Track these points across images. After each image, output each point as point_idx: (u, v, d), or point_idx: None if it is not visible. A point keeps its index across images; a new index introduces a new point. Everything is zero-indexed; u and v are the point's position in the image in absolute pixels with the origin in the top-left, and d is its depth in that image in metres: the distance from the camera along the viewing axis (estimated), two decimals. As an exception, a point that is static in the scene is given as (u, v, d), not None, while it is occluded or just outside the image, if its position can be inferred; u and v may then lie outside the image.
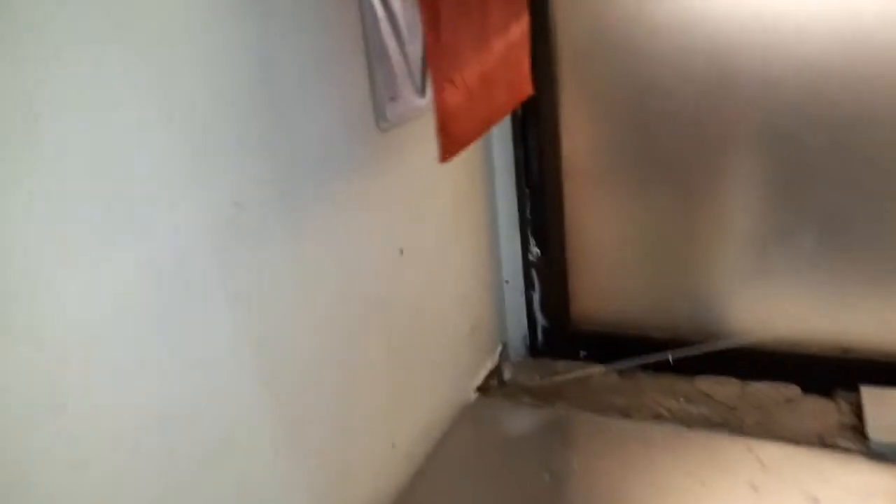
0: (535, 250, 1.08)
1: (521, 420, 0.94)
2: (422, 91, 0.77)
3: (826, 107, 0.86)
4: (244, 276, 0.58)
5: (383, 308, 0.78)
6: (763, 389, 0.94)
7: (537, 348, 1.13)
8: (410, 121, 0.77)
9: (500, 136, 1.03)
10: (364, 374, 0.75)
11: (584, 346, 1.10)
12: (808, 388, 0.93)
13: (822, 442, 0.82)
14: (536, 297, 1.10)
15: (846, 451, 0.81)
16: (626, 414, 0.93)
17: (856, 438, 0.82)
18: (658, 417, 0.91)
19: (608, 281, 1.09)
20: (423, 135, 0.75)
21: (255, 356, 0.59)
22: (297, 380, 0.65)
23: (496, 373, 1.07)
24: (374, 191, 0.75)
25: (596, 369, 1.05)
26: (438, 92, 0.63)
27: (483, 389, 1.03)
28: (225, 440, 0.56)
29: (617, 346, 1.08)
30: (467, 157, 0.95)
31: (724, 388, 0.95)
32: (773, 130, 0.90)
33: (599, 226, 1.06)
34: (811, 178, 0.90)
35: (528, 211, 1.06)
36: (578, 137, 1.03)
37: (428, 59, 0.68)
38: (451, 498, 0.82)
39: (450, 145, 0.64)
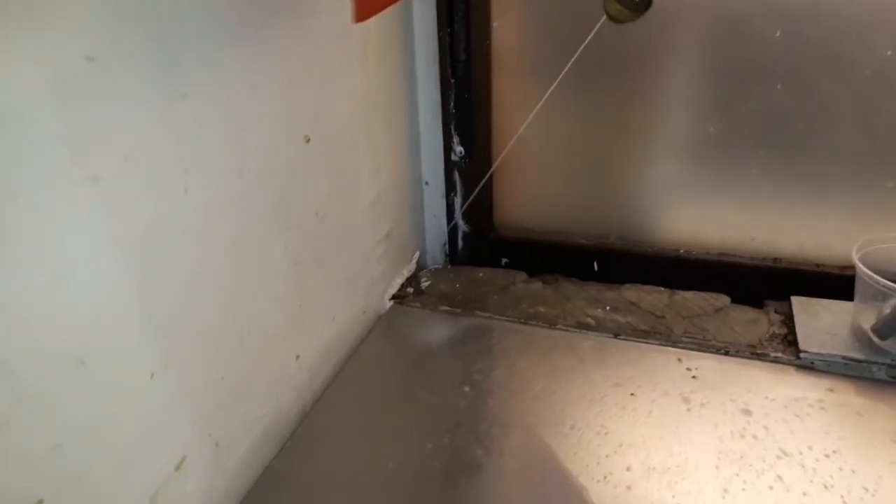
0: (458, 149, 0.98)
1: (438, 329, 0.87)
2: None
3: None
4: (105, 154, 0.46)
5: (285, 206, 0.67)
6: (691, 299, 0.90)
7: (457, 256, 1.05)
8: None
9: (423, 16, 0.91)
10: (261, 280, 0.65)
11: (506, 253, 1.03)
12: (737, 299, 0.90)
13: (753, 352, 0.79)
14: (458, 200, 1.02)
15: (776, 361, 0.78)
16: (550, 323, 0.87)
17: (786, 349, 0.79)
18: (584, 326, 0.86)
19: (535, 185, 1.02)
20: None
21: (124, 259, 0.48)
22: (178, 287, 0.54)
23: (413, 280, 0.99)
24: (272, 60, 0.62)
25: (519, 277, 0.98)
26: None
27: (399, 298, 0.94)
28: (82, 358, 0.46)
29: (541, 253, 1.01)
30: (384, 37, 0.84)
31: (651, 297, 0.91)
32: (724, 21, 0.82)
33: (529, 125, 0.97)
34: (758, 77, 0.84)
35: (451, 104, 0.96)
36: (511, 23, 0.92)
37: None
38: (359, 413, 0.74)
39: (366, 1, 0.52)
